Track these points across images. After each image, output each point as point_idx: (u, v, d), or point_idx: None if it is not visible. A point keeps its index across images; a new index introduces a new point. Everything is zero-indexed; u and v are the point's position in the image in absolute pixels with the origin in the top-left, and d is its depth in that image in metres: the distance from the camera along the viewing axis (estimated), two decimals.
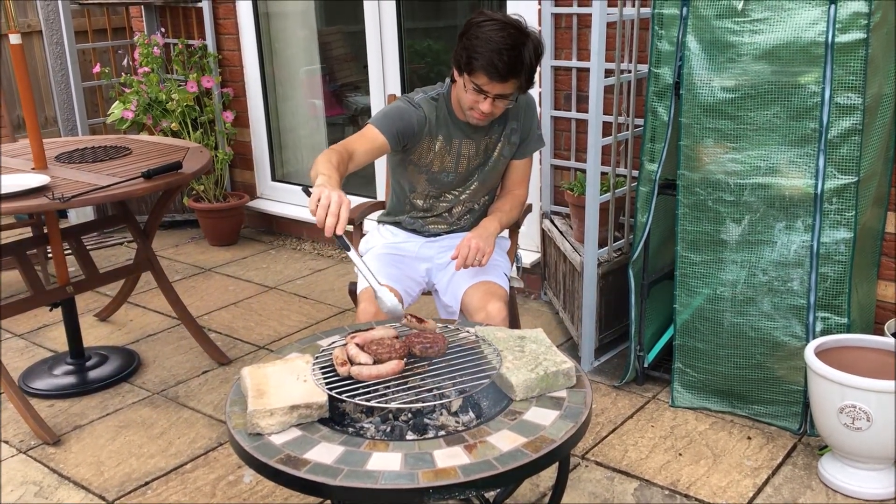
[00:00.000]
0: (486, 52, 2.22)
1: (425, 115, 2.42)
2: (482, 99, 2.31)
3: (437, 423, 1.76)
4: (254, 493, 2.45)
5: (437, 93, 2.47)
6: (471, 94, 2.31)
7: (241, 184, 5.00)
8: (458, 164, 2.49)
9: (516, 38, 2.23)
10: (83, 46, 4.77)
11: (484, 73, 2.24)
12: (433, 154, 2.47)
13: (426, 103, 2.44)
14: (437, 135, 2.45)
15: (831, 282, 2.48)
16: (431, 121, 2.43)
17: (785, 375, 2.61)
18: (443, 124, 2.45)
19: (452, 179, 2.52)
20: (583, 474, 2.48)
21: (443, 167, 2.49)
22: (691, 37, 2.52)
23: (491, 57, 2.21)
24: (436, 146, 2.46)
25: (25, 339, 3.55)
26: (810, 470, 2.48)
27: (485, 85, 2.27)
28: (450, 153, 2.47)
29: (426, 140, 2.44)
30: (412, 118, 2.39)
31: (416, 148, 2.45)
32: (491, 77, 2.24)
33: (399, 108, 2.42)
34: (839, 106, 2.35)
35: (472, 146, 2.48)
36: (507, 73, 2.24)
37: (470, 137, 2.47)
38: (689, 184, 2.62)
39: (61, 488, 2.51)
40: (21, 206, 2.54)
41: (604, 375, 3.06)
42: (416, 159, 2.48)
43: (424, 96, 2.46)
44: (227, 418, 1.71)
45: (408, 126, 2.38)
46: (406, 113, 2.40)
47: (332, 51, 4.83)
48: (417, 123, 2.40)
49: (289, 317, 3.70)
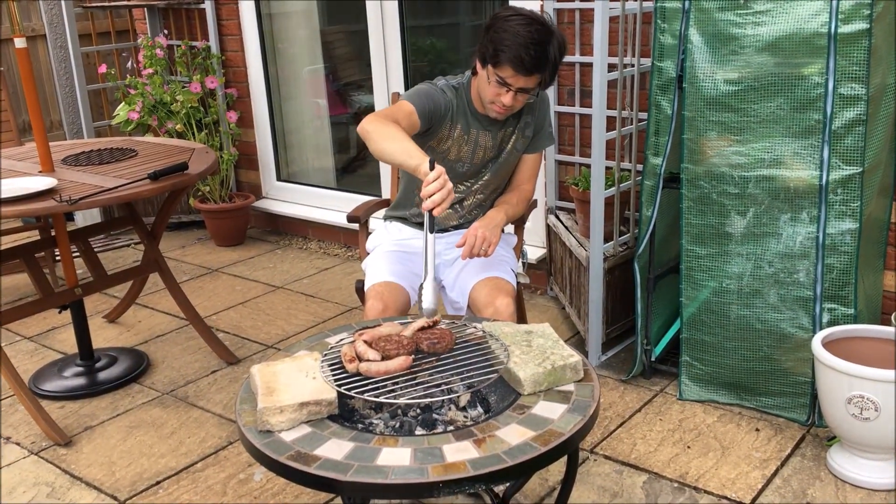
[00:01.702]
0: (513, 45, 2.25)
1: (450, 100, 2.45)
2: (504, 92, 2.34)
3: (445, 418, 1.77)
4: (264, 491, 2.46)
5: (458, 82, 2.51)
6: (494, 86, 2.34)
7: (246, 184, 5.02)
8: (473, 155, 2.51)
9: (543, 33, 2.27)
10: (87, 49, 4.79)
11: (511, 66, 2.27)
12: (451, 141, 2.48)
13: (449, 90, 2.47)
14: (457, 122, 2.47)
15: (837, 273, 2.48)
16: (453, 107, 2.46)
17: (792, 367, 2.61)
18: (462, 114, 2.48)
19: (467, 170, 2.53)
20: (592, 468, 2.49)
21: (459, 156, 2.50)
22: (694, 30, 2.52)
23: (518, 51, 2.24)
24: (455, 133, 2.48)
25: (35, 341, 3.57)
26: (819, 461, 2.48)
27: (509, 78, 2.30)
28: (467, 143, 2.49)
29: (447, 125, 2.46)
30: (440, 100, 2.42)
31: (439, 132, 2.46)
32: (517, 70, 2.27)
33: (428, 90, 2.44)
34: (843, 97, 2.35)
35: (488, 138, 2.50)
36: (533, 67, 2.27)
37: (487, 129, 2.50)
38: (693, 177, 2.63)
39: (73, 489, 2.53)
40: (29, 209, 2.56)
41: (611, 370, 3.07)
42: (434, 144, 2.49)
43: (447, 83, 2.49)
44: (237, 416, 1.72)
45: (436, 107, 2.41)
46: (435, 94, 2.43)
47: (334, 50, 4.84)
48: (445, 106, 2.43)
49: (296, 316, 3.72)
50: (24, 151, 3.30)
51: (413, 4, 4.14)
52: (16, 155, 3.23)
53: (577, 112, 3.51)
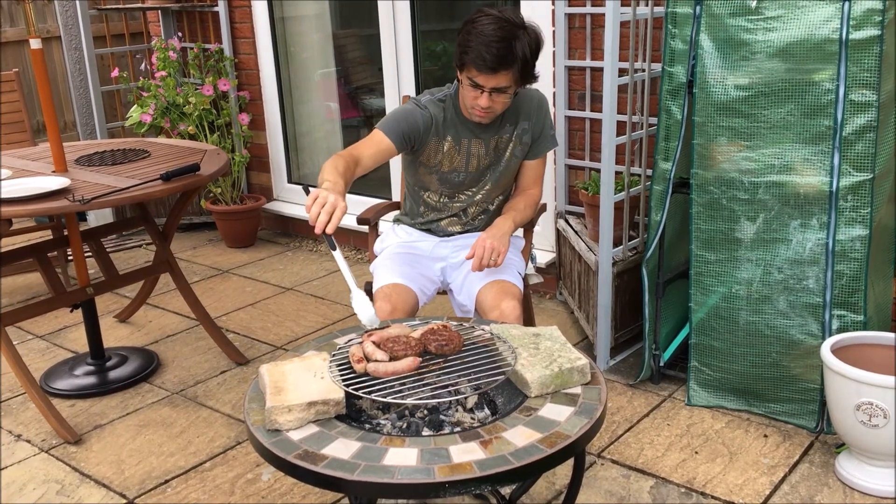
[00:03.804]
0: (475, 45, 2.25)
1: (432, 115, 2.45)
2: (479, 94, 2.34)
3: (452, 419, 1.78)
4: (272, 490, 2.47)
5: (445, 94, 2.51)
6: (468, 90, 2.35)
7: (257, 186, 5.04)
8: (468, 164, 2.52)
9: (508, 30, 2.26)
10: (101, 51, 4.82)
11: (474, 66, 2.28)
12: (441, 154, 2.49)
13: (432, 105, 2.47)
14: (446, 136, 2.48)
15: (847, 279, 2.47)
16: (438, 122, 2.46)
17: (801, 373, 2.61)
18: (451, 125, 2.48)
19: (464, 179, 2.54)
20: (599, 472, 2.49)
21: (453, 167, 2.51)
22: (705, 35, 2.52)
23: (479, 49, 2.24)
24: (444, 147, 2.48)
25: (46, 340, 3.60)
26: (827, 468, 2.47)
27: (476, 77, 2.30)
28: (459, 153, 2.49)
29: (433, 141, 2.47)
30: (418, 119, 2.43)
31: (424, 149, 2.48)
32: (480, 69, 2.27)
33: (405, 110, 2.46)
34: (854, 103, 2.34)
35: (481, 145, 2.51)
36: (496, 64, 2.25)
37: (479, 137, 2.50)
38: (702, 182, 2.63)
39: (83, 486, 2.54)
40: (42, 209, 2.58)
41: (619, 374, 3.06)
42: (424, 160, 2.51)
43: (431, 98, 2.50)
44: (245, 415, 1.73)
45: (413, 127, 2.42)
46: (412, 114, 2.44)
47: (347, 53, 4.86)
48: (424, 124, 2.44)
49: (305, 317, 3.73)
50: (37, 151, 3.33)
51: (425, 8, 4.16)
52: (30, 155, 3.26)
53: (587, 116, 3.51)
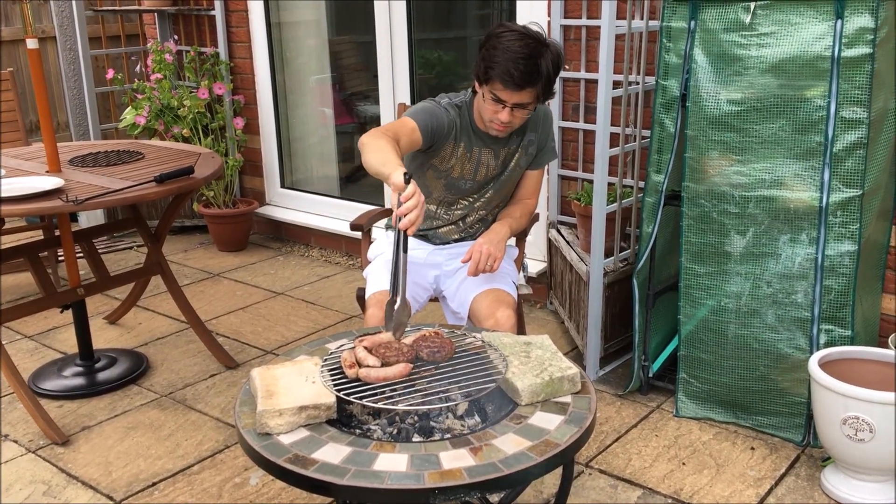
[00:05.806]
0: (502, 61, 2.25)
1: (453, 118, 2.46)
2: (501, 108, 2.34)
3: (442, 426, 1.79)
4: (260, 495, 2.47)
5: (461, 101, 2.51)
6: (490, 104, 2.35)
7: (250, 190, 5.04)
8: (476, 173, 2.53)
9: (534, 47, 2.26)
10: (97, 52, 4.82)
11: (500, 82, 2.28)
12: (455, 159, 2.49)
13: (452, 108, 2.47)
14: (460, 141, 2.48)
15: (835, 294, 2.49)
16: (457, 126, 2.47)
17: (789, 387, 2.62)
18: (465, 132, 2.49)
19: (470, 187, 2.55)
20: (586, 482, 2.50)
21: (462, 174, 2.52)
22: (699, 50, 2.55)
23: (507, 66, 2.24)
24: (458, 152, 2.49)
25: (35, 340, 3.59)
26: (813, 481, 2.49)
27: (501, 93, 2.30)
28: (470, 161, 2.50)
29: (450, 143, 2.47)
30: (443, 119, 2.42)
31: (441, 150, 2.47)
32: (506, 85, 2.27)
33: (432, 107, 2.44)
34: (845, 120, 2.37)
35: (491, 156, 2.52)
36: (523, 81, 2.26)
37: (489, 147, 2.51)
38: (693, 195, 2.65)
39: (69, 488, 2.54)
40: (36, 208, 2.58)
41: (608, 385, 3.08)
42: (437, 163, 2.50)
43: (450, 102, 2.49)
44: (236, 418, 1.74)
45: (440, 125, 2.41)
46: (439, 112, 2.43)
47: (342, 60, 4.87)
48: (448, 125, 2.44)
49: (296, 322, 3.73)
50: (31, 151, 3.32)
51: (422, 17, 4.18)
52: (23, 154, 3.26)
53: (580, 128, 3.53)
